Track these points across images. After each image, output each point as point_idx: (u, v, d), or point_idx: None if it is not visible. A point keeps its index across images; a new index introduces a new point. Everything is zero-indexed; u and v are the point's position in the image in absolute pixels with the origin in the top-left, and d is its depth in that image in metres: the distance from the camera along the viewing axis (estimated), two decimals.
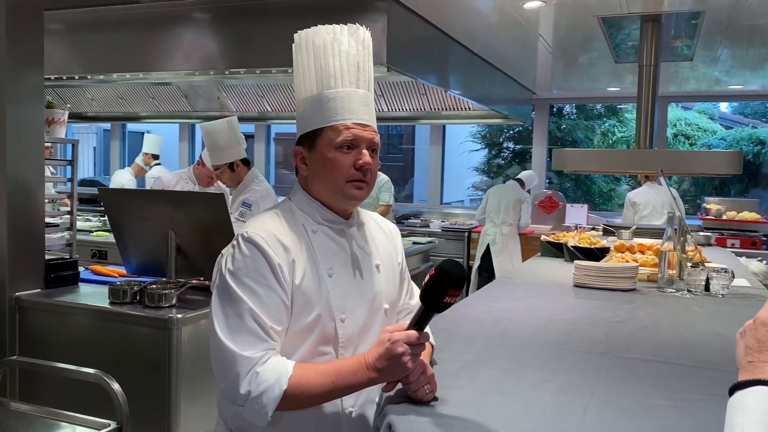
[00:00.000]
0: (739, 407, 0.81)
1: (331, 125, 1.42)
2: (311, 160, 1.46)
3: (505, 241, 6.08)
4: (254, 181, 3.71)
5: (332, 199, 1.47)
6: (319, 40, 1.46)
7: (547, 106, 7.75)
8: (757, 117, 10.48)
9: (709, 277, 2.72)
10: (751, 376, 0.82)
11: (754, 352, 0.84)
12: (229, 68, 4.37)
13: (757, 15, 3.75)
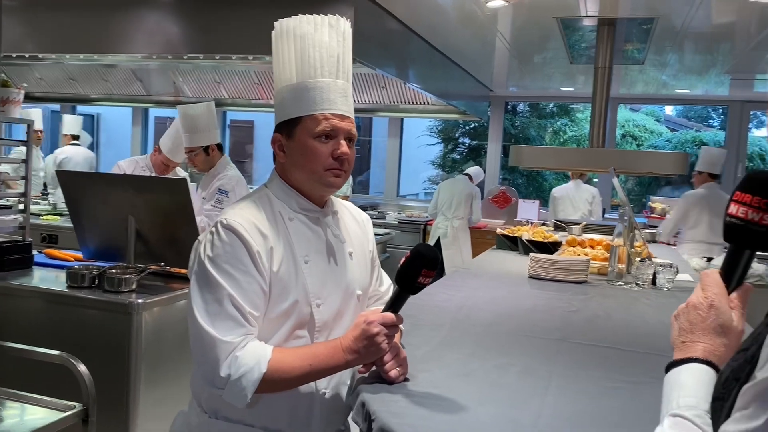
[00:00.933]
0: (674, 383, 0.87)
1: (311, 114, 1.45)
2: (289, 147, 1.49)
3: (456, 234, 6.20)
4: (226, 167, 3.69)
5: (310, 186, 1.50)
6: (301, 29, 1.48)
7: (502, 104, 7.91)
8: (699, 120, 10.95)
9: (656, 272, 2.86)
10: (684, 355, 0.88)
11: (686, 333, 0.90)
12: (189, 53, 4.32)
13: (704, 23, 3.94)
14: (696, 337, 0.88)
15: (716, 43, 4.67)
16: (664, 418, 0.83)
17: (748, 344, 0.78)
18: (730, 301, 0.90)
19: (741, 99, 6.90)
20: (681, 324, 0.91)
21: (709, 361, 0.86)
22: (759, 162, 8.31)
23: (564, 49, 4.77)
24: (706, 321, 0.88)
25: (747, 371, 0.72)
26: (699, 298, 0.91)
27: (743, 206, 0.87)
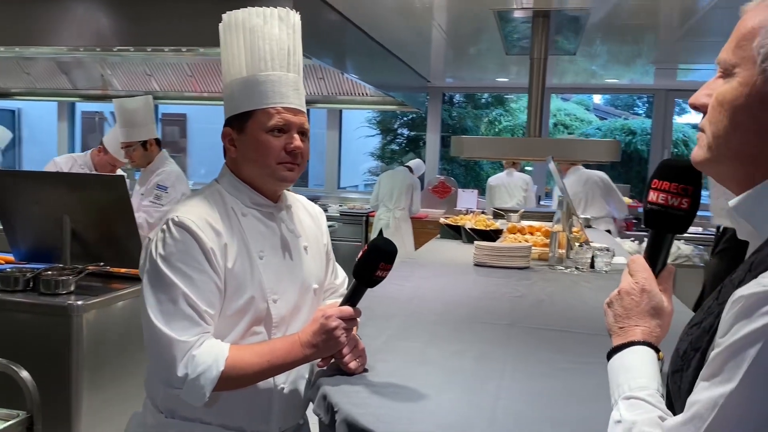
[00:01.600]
0: (620, 367, 0.89)
1: (263, 108, 1.43)
2: (241, 141, 1.46)
3: (398, 224, 6.26)
4: (165, 162, 3.58)
5: (262, 181, 1.48)
6: (250, 22, 1.46)
7: (440, 95, 8.00)
8: (626, 108, 11.39)
9: (594, 256, 2.98)
10: (624, 339, 0.90)
11: (623, 319, 0.92)
12: (119, 46, 4.17)
13: (633, 15, 4.10)
14: (633, 322, 0.91)
15: (642, 35, 4.86)
16: (617, 402, 0.85)
17: (701, 317, 0.82)
18: (658, 283, 0.93)
19: (665, 88, 7.22)
20: (615, 311, 0.93)
21: (649, 342, 0.89)
22: (683, 148, 8.73)
23: (500, 41, 4.87)
24: (640, 305, 0.91)
25: (707, 340, 0.76)
26: (630, 284, 0.93)
27: (663, 193, 0.91)
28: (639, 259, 0.95)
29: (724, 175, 0.85)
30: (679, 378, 0.79)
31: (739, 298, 0.70)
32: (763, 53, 0.76)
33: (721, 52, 0.83)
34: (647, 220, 0.95)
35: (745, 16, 0.81)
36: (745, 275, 0.76)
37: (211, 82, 6.91)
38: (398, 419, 1.21)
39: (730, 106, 0.79)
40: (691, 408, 0.72)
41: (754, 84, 0.77)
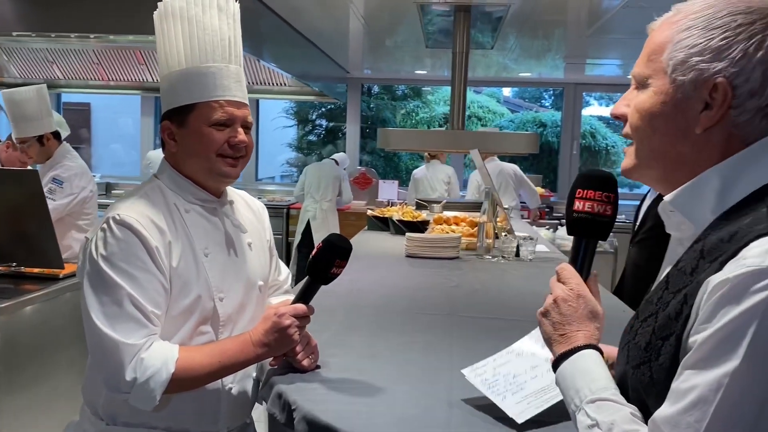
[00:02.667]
0: (574, 373, 0.89)
1: (206, 102, 1.38)
2: (181, 135, 1.41)
3: (325, 216, 6.23)
4: (66, 156, 3.37)
5: (204, 176, 1.44)
6: (188, 12, 1.41)
7: (359, 86, 8.01)
8: (533, 101, 11.82)
9: (519, 244, 3.09)
10: (569, 346, 0.91)
11: (563, 326, 0.93)
12: (19, 31, 3.91)
13: (547, 12, 4.26)
14: (574, 327, 0.92)
15: (555, 31, 5.06)
16: (580, 408, 0.86)
17: (654, 309, 0.84)
18: (589, 288, 0.96)
19: (574, 81, 7.56)
20: (553, 319, 0.94)
21: (594, 345, 0.91)
22: (590, 139, 9.18)
23: (420, 33, 4.93)
24: (578, 311, 0.93)
25: (679, 327, 0.78)
26: (565, 291, 0.95)
27: (589, 201, 0.96)
28: (567, 267, 0.98)
29: (653, 179, 0.92)
30: (648, 369, 0.81)
31: (720, 283, 0.73)
32: (672, 64, 0.84)
33: (635, 66, 0.91)
34: (574, 228, 0.99)
35: (653, 34, 0.89)
36: (698, 263, 0.80)
37: (119, 70, 6.59)
38: (358, 414, 1.22)
39: (647, 114, 0.87)
40: (689, 394, 0.73)
41: (667, 92, 0.85)
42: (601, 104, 10.41)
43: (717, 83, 0.81)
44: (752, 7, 0.82)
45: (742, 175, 0.82)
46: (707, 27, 0.82)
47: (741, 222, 0.78)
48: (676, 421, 0.74)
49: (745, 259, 0.73)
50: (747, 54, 0.80)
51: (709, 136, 0.83)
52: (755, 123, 0.82)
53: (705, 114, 0.83)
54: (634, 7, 3.84)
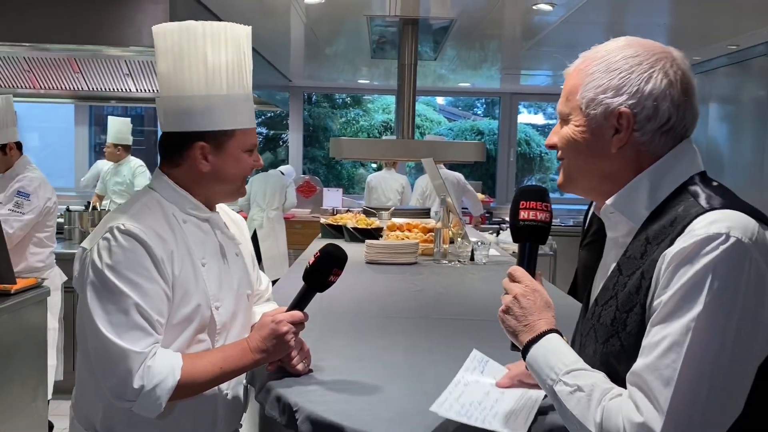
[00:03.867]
0: (544, 354, 1.02)
1: (243, 129, 1.46)
2: (217, 158, 1.44)
3: (272, 225, 6.23)
4: (27, 167, 3.29)
5: (226, 195, 1.53)
6: (233, 38, 1.46)
7: (302, 94, 8.04)
8: (466, 109, 12.15)
9: (474, 249, 3.23)
10: (535, 333, 1.05)
11: (525, 317, 1.07)
12: None
13: (489, 26, 4.45)
14: (536, 317, 1.07)
15: (492, 44, 5.27)
16: (557, 380, 0.98)
17: (612, 293, 1.02)
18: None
19: (510, 91, 7.86)
20: (516, 313, 1.09)
21: (555, 329, 1.06)
22: (525, 146, 9.53)
23: (367, 44, 5.04)
24: (536, 303, 1.08)
25: (642, 297, 0.95)
26: (522, 288, 1.10)
27: (532, 210, 1.15)
28: (519, 269, 1.14)
29: (584, 189, 1.13)
30: (617, 340, 0.98)
31: (677, 253, 0.91)
32: (584, 102, 1.05)
33: (558, 105, 1.13)
34: (521, 235, 1.17)
35: (568, 78, 1.11)
36: (645, 248, 0.99)
37: (53, 78, 6.38)
38: (360, 411, 1.30)
39: (573, 142, 1.08)
40: (662, 343, 0.89)
41: (584, 124, 1.06)
42: (530, 112, 10.82)
43: (621, 112, 1.02)
44: (639, 51, 1.03)
45: (664, 178, 1.03)
46: (607, 70, 1.04)
47: (676, 211, 0.97)
48: (654, 366, 0.89)
49: (693, 231, 0.91)
50: (640, 88, 1.01)
51: (623, 154, 1.04)
52: (656, 140, 1.03)
53: (616, 137, 1.03)
54: (571, 22, 4.08)
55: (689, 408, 0.87)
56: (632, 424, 0.89)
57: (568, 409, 0.96)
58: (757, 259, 0.89)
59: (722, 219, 0.91)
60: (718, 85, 5.15)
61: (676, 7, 3.93)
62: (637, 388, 0.91)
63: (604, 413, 0.92)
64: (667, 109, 1.01)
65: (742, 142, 4.69)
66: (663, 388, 0.87)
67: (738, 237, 0.89)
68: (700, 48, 4.84)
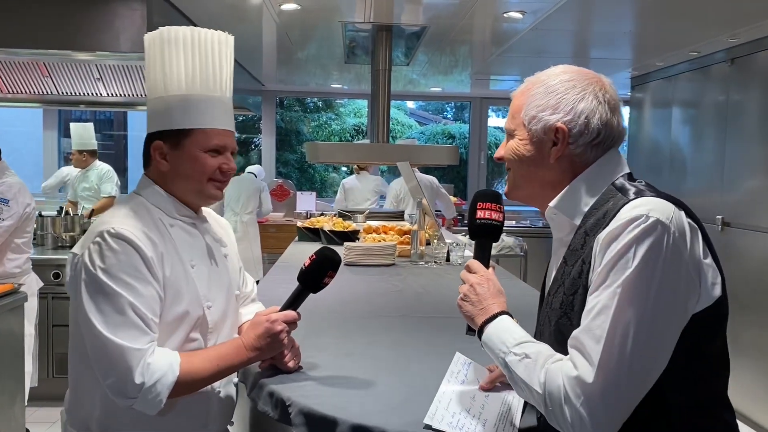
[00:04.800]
0: (497, 333, 1.16)
1: (202, 128, 1.48)
2: (174, 157, 1.49)
3: (246, 229, 6.24)
4: (5, 173, 3.27)
5: (192, 196, 1.53)
6: (193, 41, 1.50)
7: (274, 98, 8.05)
8: (436, 113, 12.30)
9: (450, 250, 3.31)
10: (488, 315, 1.19)
11: (480, 303, 1.22)
12: None
13: (460, 33, 4.55)
14: (489, 302, 1.22)
15: (462, 49, 5.38)
16: (508, 352, 1.11)
17: (560, 282, 1.15)
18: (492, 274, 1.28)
19: (480, 96, 7.99)
20: (472, 300, 1.23)
21: (507, 311, 1.20)
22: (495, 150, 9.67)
23: (341, 49, 5.10)
24: (490, 290, 1.23)
25: (584, 280, 1.09)
26: (477, 278, 1.25)
27: (488, 211, 1.31)
28: (475, 262, 1.29)
29: (528, 197, 1.27)
30: (567, 319, 1.12)
31: (607, 235, 1.05)
32: (527, 119, 1.20)
33: (505, 122, 1.28)
34: (477, 232, 1.32)
35: (514, 99, 1.26)
36: (584, 239, 1.13)
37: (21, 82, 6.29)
38: (351, 404, 1.36)
39: (517, 154, 1.22)
40: (594, 308, 1.02)
41: (527, 138, 1.21)
42: (499, 116, 11.01)
43: (558, 128, 1.17)
44: (574, 76, 1.19)
45: (596, 180, 1.17)
46: (546, 92, 1.19)
47: (606, 206, 1.12)
48: (588, 328, 1.03)
49: (620, 216, 1.06)
50: (574, 107, 1.16)
51: (560, 163, 1.19)
52: (588, 152, 1.18)
53: (554, 149, 1.18)
54: (539, 29, 4.21)
55: (617, 361, 0.99)
56: (569, 378, 1.02)
57: (517, 374, 1.10)
58: (673, 234, 1.03)
59: (643, 204, 1.06)
60: (680, 90, 5.34)
61: (640, 16, 4.08)
62: (574, 349, 1.04)
63: (547, 374, 1.05)
64: (596, 126, 1.16)
65: (703, 144, 4.88)
66: (594, 345, 1.01)
67: (657, 217, 1.03)
68: (662, 54, 5.01)
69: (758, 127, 4.20)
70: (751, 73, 4.33)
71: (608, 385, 0.99)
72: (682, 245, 1.03)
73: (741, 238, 4.20)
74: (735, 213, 4.31)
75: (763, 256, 3.98)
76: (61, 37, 3.32)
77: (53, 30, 3.34)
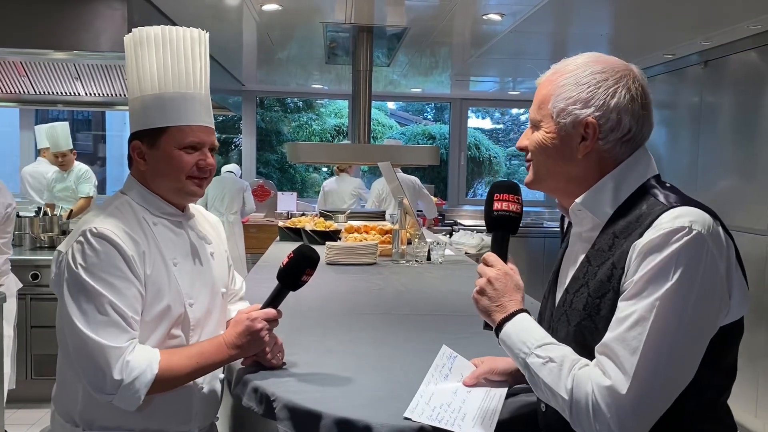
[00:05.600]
0: (518, 332, 1.13)
1: (177, 126, 1.48)
2: (152, 156, 1.51)
3: (231, 229, 6.22)
4: None
5: (172, 194, 1.54)
6: (164, 39, 1.51)
7: (254, 99, 8.04)
8: (417, 114, 12.36)
9: (431, 249, 3.35)
10: (507, 312, 1.16)
11: (498, 299, 1.18)
12: None
13: (442, 35, 4.60)
14: (507, 298, 1.18)
15: (443, 51, 5.42)
16: (529, 354, 1.10)
17: (582, 282, 1.14)
18: (511, 269, 1.24)
19: (460, 97, 8.05)
20: (490, 294, 1.19)
21: (525, 309, 1.17)
22: (475, 150, 9.76)
23: (322, 50, 5.12)
24: (508, 285, 1.20)
25: (615, 284, 1.07)
26: (495, 272, 1.21)
27: (505, 202, 1.26)
28: (492, 255, 1.25)
29: (551, 189, 1.25)
30: (591, 322, 1.10)
31: (647, 243, 1.03)
32: (555, 111, 1.16)
33: (530, 112, 1.22)
34: (495, 225, 1.27)
35: (540, 87, 1.21)
36: (613, 241, 1.11)
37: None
38: (334, 398, 1.38)
39: (543, 147, 1.19)
40: (630, 318, 1.01)
41: (554, 131, 1.17)
42: (478, 117, 11.09)
43: (588, 122, 1.13)
44: (606, 67, 1.15)
45: (626, 180, 1.15)
46: (577, 83, 1.15)
47: (640, 209, 1.09)
48: (622, 338, 1.02)
49: (660, 225, 1.04)
50: (605, 101, 1.13)
51: (588, 159, 1.16)
52: (618, 148, 1.15)
53: (582, 144, 1.15)
54: (518, 31, 4.27)
55: (652, 373, 0.99)
56: (600, 387, 1.01)
57: (540, 379, 1.08)
58: (711, 248, 1.02)
59: (685, 214, 1.04)
60: (656, 92, 5.38)
61: (617, 19, 4.16)
62: (605, 357, 1.03)
63: (575, 380, 1.04)
64: (628, 122, 1.13)
65: (678, 145, 4.98)
66: (630, 356, 1.00)
67: (698, 230, 1.02)
68: (638, 57, 5.10)
69: (730, 127, 4.30)
70: (723, 75, 4.43)
71: (641, 396, 0.99)
72: (719, 259, 1.03)
73: None
74: None
75: None
76: (40, 36, 3.30)
77: (32, 29, 3.32)
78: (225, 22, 4.40)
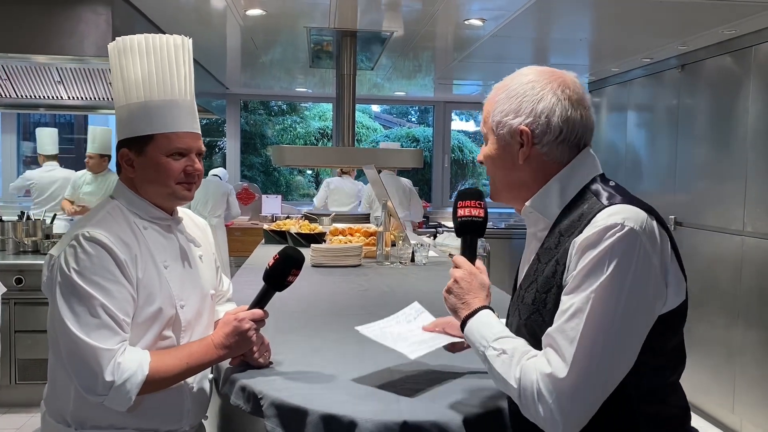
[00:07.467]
0: (478, 327, 1.23)
1: (163, 133, 1.52)
2: (140, 163, 1.54)
3: (215, 232, 6.21)
4: None
5: (162, 199, 1.58)
6: (147, 48, 1.54)
7: (239, 102, 8.05)
8: (400, 116, 12.43)
9: (415, 251, 3.40)
10: (471, 309, 1.26)
11: (463, 296, 1.28)
12: None
13: (425, 39, 4.65)
14: (471, 296, 1.28)
15: (426, 55, 5.49)
16: (488, 347, 1.19)
17: (532, 279, 1.22)
18: (477, 269, 1.34)
19: (444, 100, 8.12)
20: (456, 293, 1.30)
21: (488, 306, 1.27)
22: (459, 153, 9.84)
23: (306, 54, 5.15)
24: (472, 284, 1.29)
25: (557, 281, 1.15)
26: (461, 272, 1.31)
27: (468, 208, 1.36)
28: (460, 257, 1.34)
29: (507, 200, 1.32)
30: (539, 316, 1.19)
31: (584, 240, 1.11)
32: (494, 124, 1.26)
33: (480, 127, 1.33)
34: (462, 230, 1.37)
35: (484, 106, 1.31)
36: (559, 239, 1.19)
37: None
38: (320, 395, 1.43)
39: (491, 158, 1.29)
40: (569, 310, 1.09)
41: (496, 142, 1.27)
42: (461, 119, 11.18)
43: (521, 130, 1.22)
44: (535, 77, 1.24)
45: (570, 181, 1.23)
46: (508, 96, 1.25)
47: (581, 208, 1.18)
48: (562, 329, 1.10)
49: (596, 222, 1.13)
50: (534, 109, 1.22)
51: (530, 164, 1.24)
52: (555, 150, 1.23)
53: (521, 151, 1.24)
54: (500, 36, 4.33)
55: (588, 359, 1.07)
56: (543, 375, 1.10)
57: (495, 369, 1.17)
58: (645, 243, 1.10)
59: (619, 212, 1.12)
60: (634, 95, 5.53)
61: (596, 24, 4.24)
62: (549, 347, 1.12)
63: (522, 370, 1.13)
64: (557, 124, 1.21)
65: (656, 147, 5.07)
66: (568, 345, 1.08)
67: (631, 226, 1.10)
68: (617, 61, 5.20)
69: (706, 130, 4.40)
70: (700, 78, 4.53)
71: (579, 381, 1.07)
72: (652, 252, 1.10)
73: (691, 237, 4.39)
74: (686, 213, 4.50)
75: (712, 254, 4.17)
76: (23, 40, 3.30)
77: (15, 33, 3.32)
78: (209, 27, 4.42)
